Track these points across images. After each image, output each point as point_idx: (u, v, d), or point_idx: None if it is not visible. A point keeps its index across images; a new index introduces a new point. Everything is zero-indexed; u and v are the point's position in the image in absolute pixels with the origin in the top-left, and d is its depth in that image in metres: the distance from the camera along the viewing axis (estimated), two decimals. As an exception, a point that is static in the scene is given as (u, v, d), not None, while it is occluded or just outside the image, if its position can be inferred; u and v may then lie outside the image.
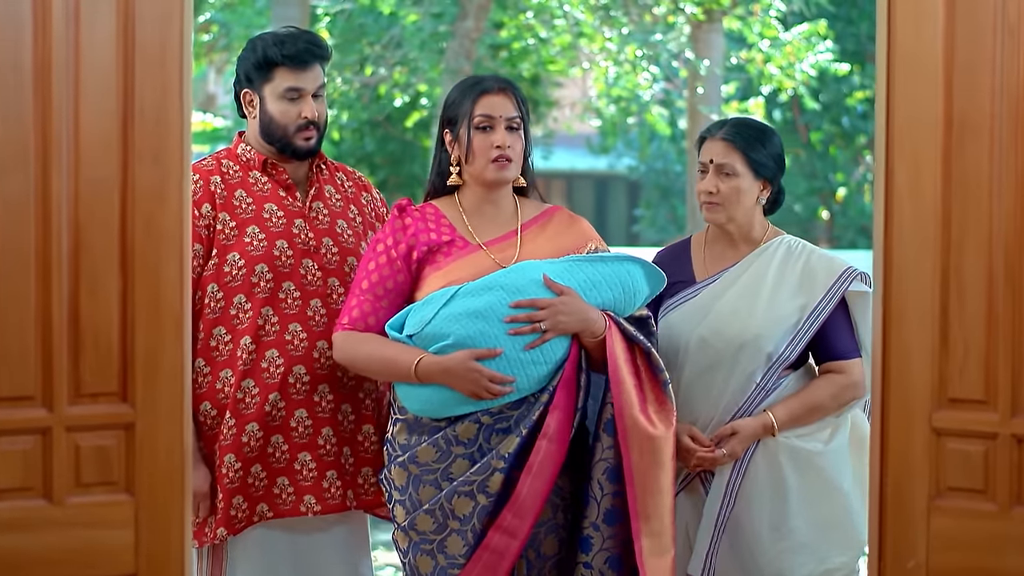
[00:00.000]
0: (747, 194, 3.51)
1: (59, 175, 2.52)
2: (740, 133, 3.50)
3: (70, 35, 2.52)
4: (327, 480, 3.40)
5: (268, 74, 3.41)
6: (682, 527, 3.49)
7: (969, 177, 2.58)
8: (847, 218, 18.24)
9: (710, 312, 3.50)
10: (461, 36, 12.04)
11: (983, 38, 2.56)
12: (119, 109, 2.57)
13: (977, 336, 2.58)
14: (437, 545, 3.21)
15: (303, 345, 3.39)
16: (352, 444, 3.45)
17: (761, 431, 3.44)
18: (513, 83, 3.40)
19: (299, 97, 3.41)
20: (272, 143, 3.45)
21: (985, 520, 2.58)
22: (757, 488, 3.44)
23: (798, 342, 3.47)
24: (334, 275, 3.44)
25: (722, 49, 13.50)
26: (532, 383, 3.20)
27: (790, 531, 3.44)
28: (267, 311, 3.37)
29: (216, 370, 3.38)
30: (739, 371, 3.46)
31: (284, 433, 3.38)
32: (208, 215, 3.38)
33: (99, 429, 2.58)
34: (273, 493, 3.38)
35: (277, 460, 3.38)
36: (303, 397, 3.39)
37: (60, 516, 2.55)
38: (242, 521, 3.36)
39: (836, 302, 3.47)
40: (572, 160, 22.75)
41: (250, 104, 3.47)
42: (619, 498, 3.21)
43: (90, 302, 2.56)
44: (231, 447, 3.35)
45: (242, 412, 3.35)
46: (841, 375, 3.47)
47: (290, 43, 3.41)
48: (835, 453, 3.48)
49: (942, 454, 2.62)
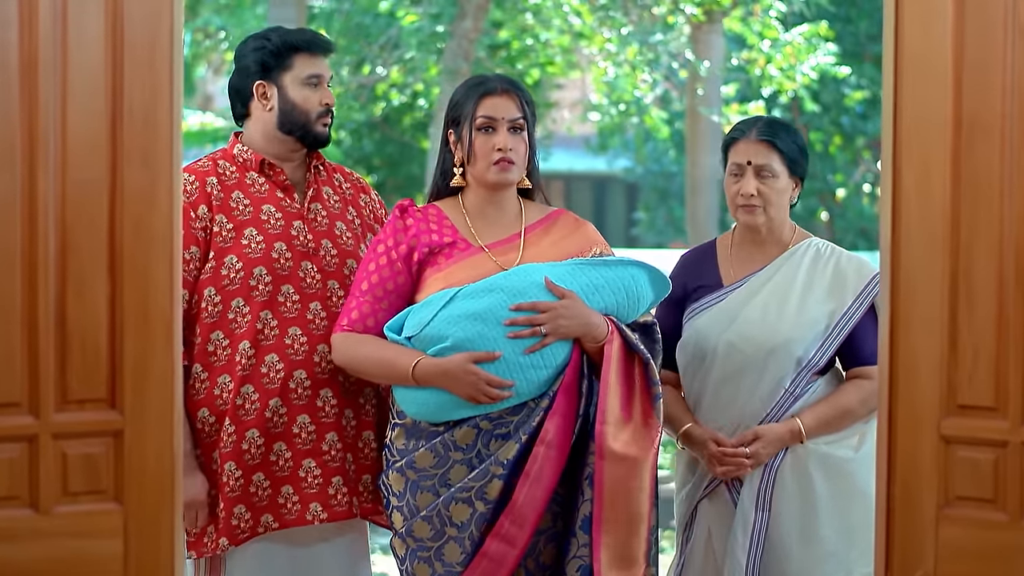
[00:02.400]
0: (784, 194, 3.48)
1: (46, 176, 2.48)
2: (777, 134, 3.46)
3: (57, 33, 2.48)
4: (332, 487, 3.35)
5: (287, 61, 3.41)
6: (703, 532, 3.48)
7: (979, 178, 2.54)
8: (846, 220, 18.26)
9: (738, 316, 3.47)
10: (459, 36, 12.02)
11: (993, 36, 2.51)
12: (107, 109, 2.53)
13: (987, 341, 2.54)
14: (435, 552, 3.18)
15: (303, 349, 3.34)
16: (354, 450, 3.41)
17: (788, 437, 3.40)
18: (518, 84, 3.36)
19: (319, 83, 3.43)
20: (292, 132, 3.42)
21: (995, 530, 2.54)
22: (786, 495, 3.41)
23: (828, 347, 3.44)
24: (333, 277, 3.40)
25: (722, 50, 13.47)
26: (532, 388, 3.17)
27: (819, 540, 3.41)
28: (266, 315, 3.33)
29: (214, 376, 3.33)
30: (768, 376, 3.43)
31: (287, 440, 3.33)
32: (204, 217, 3.34)
33: (87, 436, 2.54)
34: (278, 503, 3.33)
35: (281, 468, 3.33)
36: (305, 402, 3.35)
37: (47, 526, 2.51)
38: (245, 532, 3.32)
39: (867, 307, 3.44)
40: (571, 161, 22.75)
41: (263, 97, 3.43)
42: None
43: (77, 306, 2.52)
44: (231, 455, 3.30)
45: (242, 419, 3.31)
46: (869, 381, 3.42)
47: (303, 33, 3.47)
48: (864, 460, 3.43)
49: (951, 462, 2.57)
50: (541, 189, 3.44)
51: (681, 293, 3.57)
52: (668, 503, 3.70)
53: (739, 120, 3.68)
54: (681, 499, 3.59)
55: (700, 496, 3.52)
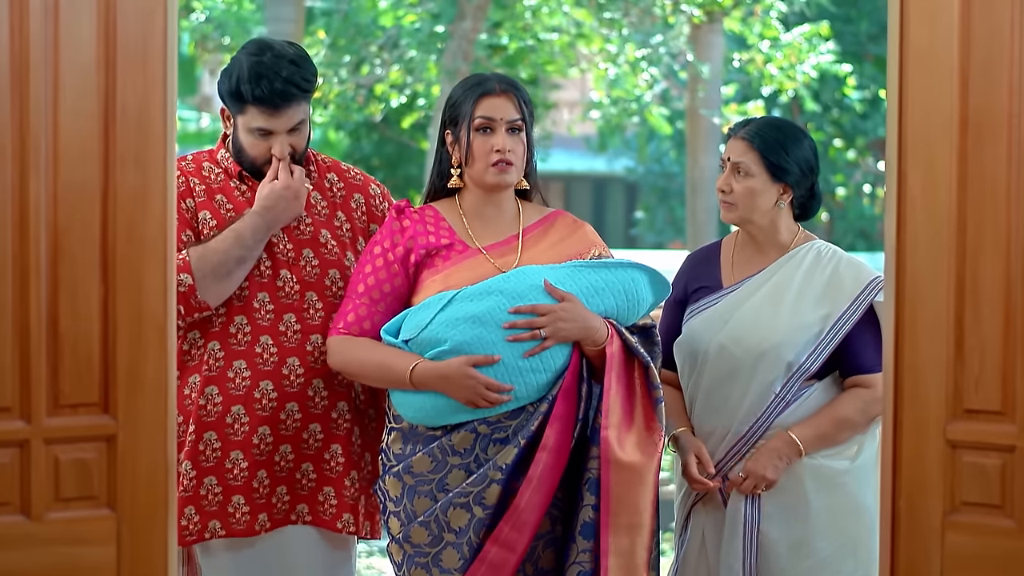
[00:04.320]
0: (762, 196, 3.44)
1: (37, 178, 2.45)
2: (761, 134, 3.44)
3: (48, 31, 2.45)
4: (276, 496, 3.30)
5: (240, 107, 3.30)
6: (697, 537, 3.46)
7: (986, 180, 2.50)
8: (847, 221, 18.23)
9: (731, 319, 3.45)
10: (459, 36, 12.00)
11: (1001, 33, 2.48)
12: (100, 109, 2.50)
13: (994, 345, 2.51)
14: (432, 558, 3.16)
15: (272, 360, 3.30)
16: (316, 462, 3.33)
17: (784, 448, 3.37)
18: (517, 84, 3.34)
19: (270, 135, 3.31)
20: (242, 166, 3.38)
21: (1002, 537, 2.50)
22: (778, 506, 3.38)
23: (820, 352, 3.40)
24: (312, 289, 3.35)
25: (722, 50, 13.45)
26: (531, 392, 3.14)
27: (813, 550, 3.39)
28: (240, 319, 3.30)
29: (185, 375, 3.30)
30: (758, 381, 3.40)
31: (244, 449, 3.28)
32: (191, 209, 3.32)
33: (79, 441, 2.51)
34: (227, 511, 3.28)
35: (235, 478, 3.28)
36: (268, 414, 3.29)
37: (39, 532, 2.48)
38: (193, 535, 3.27)
39: (861, 312, 3.40)
40: (570, 162, 22.77)
41: (227, 120, 3.38)
42: (597, 512, 3.15)
43: (69, 310, 2.49)
44: (188, 454, 3.26)
45: (203, 419, 3.27)
46: (867, 390, 3.40)
47: (266, 82, 3.23)
48: (861, 470, 3.42)
49: (957, 468, 2.54)
50: (539, 190, 3.41)
51: (683, 294, 3.55)
52: (669, 504, 3.69)
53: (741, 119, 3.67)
54: (678, 503, 3.58)
55: (694, 501, 3.50)
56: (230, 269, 3.24)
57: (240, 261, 3.25)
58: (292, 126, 3.31)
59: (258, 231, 3.26)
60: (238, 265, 3.25)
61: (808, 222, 3.58)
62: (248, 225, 3.25)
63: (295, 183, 3.30)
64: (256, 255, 3.28)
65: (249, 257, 3.26)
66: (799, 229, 3.53)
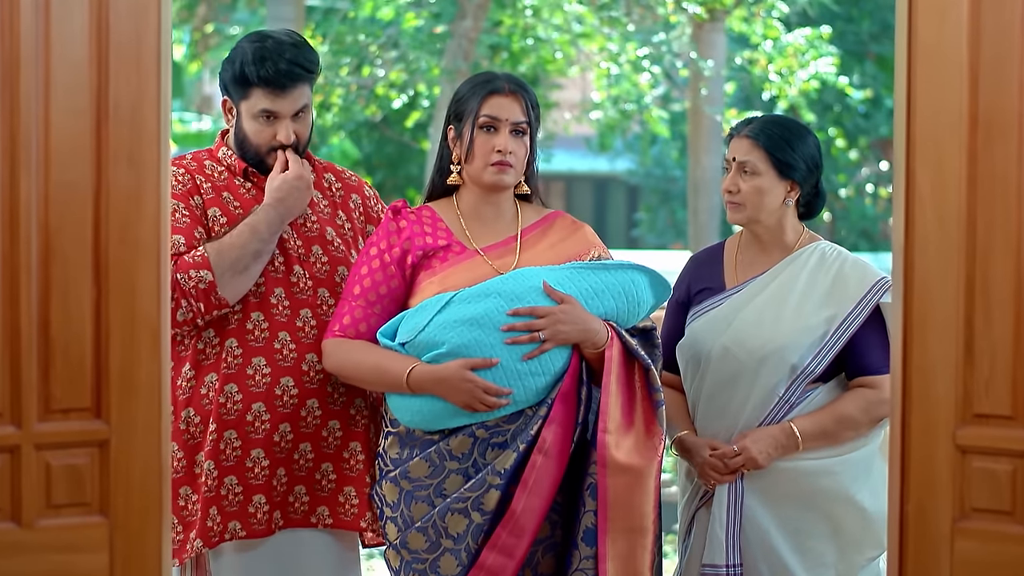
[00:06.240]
0: (770, 195, 3.40)
1: (28, 177, 2.41)
2: (766, 131, 3.41)
3: (39, 27, 2.41)
4: (293, 495, 3.29)
5: (244, 91, 3.31)
6: (700, 543, 3.43)
7: (996, 179, 2.45)
8: (849, 221, 18.24)
9: (734, 321, 3.42)
10: (459, 36, 11.99)
11: (1011, 30, 2.43)
12: (92, 107, 2.45)
13: (1004, 348, 2.46)
14: (430, 565, 3.13)
15: (292, 356, 3.28)
16: (336, 461, 3.32)
17: (782, 437, 3.32)
18: (526, 86, 3.31)
19: (275, 119, 3.31)
20: (245, 159, 3.37)
21: (1012, 543, 2.45)
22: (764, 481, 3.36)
23: (825, 355, 3.36)
24: (324, 285, 3.34)
25: (724, 50, 13.42)
26: (530, 395, 3.12)
27: (796, 529, 3.37)
28: (257, 316, 3.28)
29: (201, 375, 3.28)
30: (761, 383, 3.37)
31: (266, 447, 3.26)
32: (200, 207, 3.30)
33: (71, 447, 2.46)
34: (248, 512, 3.26)
35: (255, 476, 3.26)
36: (289, 411, 3.28)
37: (30, 540, 2.44)
38: (216, 535, 3.24)
39: (867, 314, 3.36)
40: (571, 162, 22.76)
41: (229, 112, 3.38)
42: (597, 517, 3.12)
43: (61, 312, 2.45)
44: (210, 454, 3.25)
45: (223, 418, 3.25)
46: (872, 390, 3.36)
47: (270, 63, 3.27)
48: (853, 462, 3.38)
49: (967, 473, 2.49)
50: (539, 195, 3.39)
51: (686, 295, 3.52)
52: (671, 507, 3.66)
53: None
54: (682, 507, 3.56)
55: (697, 506, 3.48)
56: (247, 264, 3.23)
57: (257, 255, 3.24)
58: (296, 110, 3.32)
59: (272, 224, 3.26)
60: (255, 259, 3.24)
61: (811, 222, 3.55)
62: (262, 218, 3.25)
63: (306, 172, 3.30)
64: (271, 249, 3.28)
65: (265, 251, 3.26)
66: (804, 229, 3.51)
